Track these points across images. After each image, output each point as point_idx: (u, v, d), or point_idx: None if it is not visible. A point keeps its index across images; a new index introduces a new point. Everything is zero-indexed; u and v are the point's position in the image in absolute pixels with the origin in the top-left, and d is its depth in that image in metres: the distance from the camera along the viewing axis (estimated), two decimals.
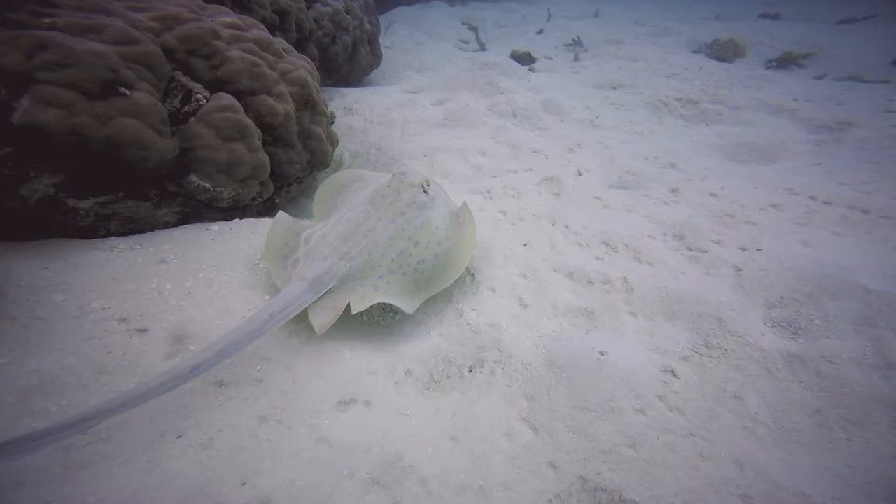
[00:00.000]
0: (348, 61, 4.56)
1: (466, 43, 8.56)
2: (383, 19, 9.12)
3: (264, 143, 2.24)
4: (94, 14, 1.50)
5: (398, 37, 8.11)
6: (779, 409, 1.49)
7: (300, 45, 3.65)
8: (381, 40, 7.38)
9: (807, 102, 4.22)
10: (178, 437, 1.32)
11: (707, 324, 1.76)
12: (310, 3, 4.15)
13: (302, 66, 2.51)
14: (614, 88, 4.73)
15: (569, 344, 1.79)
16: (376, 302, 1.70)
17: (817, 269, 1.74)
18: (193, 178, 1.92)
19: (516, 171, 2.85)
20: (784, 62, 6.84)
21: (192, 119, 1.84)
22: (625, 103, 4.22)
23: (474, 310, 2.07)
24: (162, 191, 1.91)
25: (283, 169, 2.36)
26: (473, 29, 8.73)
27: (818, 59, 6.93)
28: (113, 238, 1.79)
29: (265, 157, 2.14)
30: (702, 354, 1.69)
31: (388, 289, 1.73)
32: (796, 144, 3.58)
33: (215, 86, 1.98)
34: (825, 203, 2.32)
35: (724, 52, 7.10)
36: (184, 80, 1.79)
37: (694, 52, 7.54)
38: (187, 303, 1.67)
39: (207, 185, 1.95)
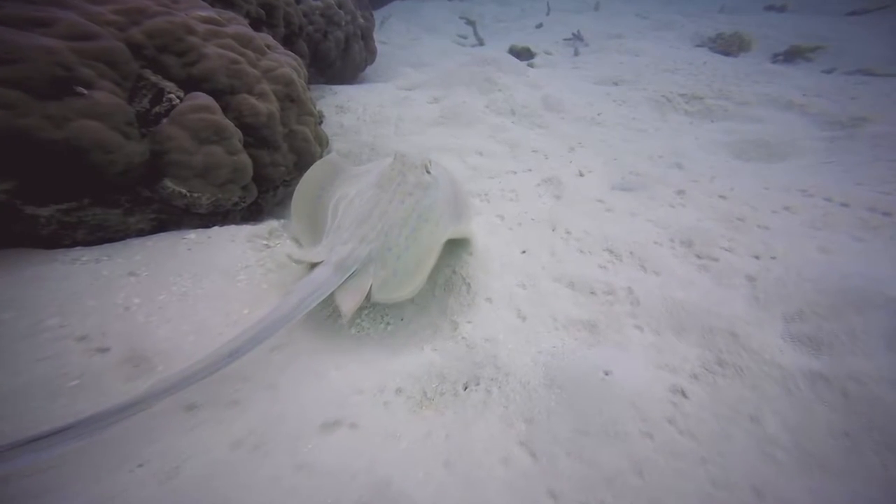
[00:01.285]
0: (341, 57, 4.41)
1: (465, 38, 8.38)
2: (379, 14, 8.94)
3: (246, 145, 2.11)
4: (45, 7, 1.37)
5: (394, 32, 7.93)
6: (800, 431, 1.37)
7: (289, 41, 3.50)
8: (376, 36, 7.20)
9: (817, 97, 4.07)
10: (140, 465, 1.20)
11: (719, 339, 1.63)
12: None
13: (287, 64, 2.37)
14: (616, 84, 4.58)
15: (570, 361, 1.66)
16: (397, 296, 1.72)
17: (840, 281, 1.61)
18: (168, 183, 1.80)
19: (515, 172, 2.71)
20: (791, 56, 6.66)
21: (165, 120, 1.71)
22: (627, 100, 4.07)
23: (470, 322, 1.95)
24: (134, 197, 1.79)
25: (268, 172, 2.23)
26: (471, 24, 8.55)
27: (827, 53, 6.75)
28: (79, 248, 1.66)
29: (246, 160, 2.01)
30: (714, 373, 1.57)
31: (406, 269, 1.76)
32: (807, 141, 3.43)
33: (190, 84, 1.85)
34: (842, 205, 2.18)
35: (728, 45, 6.92)
36: (154, 78, 1.66)
37: (697, 45, 7.35)
38: (157, 319, 1.55)
39: (183, 191, 1.82)
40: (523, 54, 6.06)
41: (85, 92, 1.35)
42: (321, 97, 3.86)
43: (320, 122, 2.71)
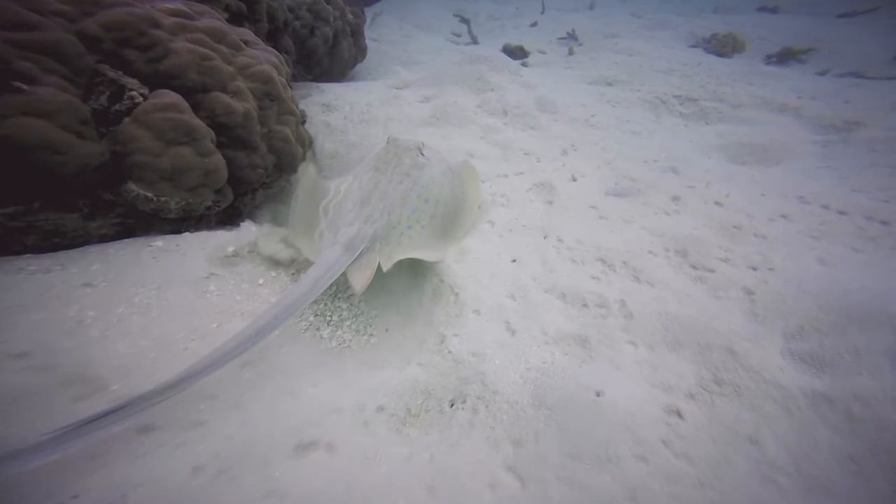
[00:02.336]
0: (329, 54, 4.27)
1: (458, 36, 8.26)
2: (372, 10, 8.77)
3: (221, 146, 1.99)
4: None
5: (387, 29, 7.78)
6: (802, 454, 1.30)
7: (273, 37, 3.36)
8: (368, 32, 7.05)
9: (811, 100, 4.03)
10: (74, 496, 1.08)
11: (716, 356, 1.56)
12: None
13: (266, 60, 2.25)
14: (610, 84, 4.50)
15: (560, 380, 1.58)
16: (402, 257, 1.78)
17: (842, 296, 1.54)
18: (132, 186, 1.67)
19: (506, 176, 2.62)
20: (784, 57, 6.65)
21: (127, 119, 1.58)
22: (621, 101, 3.99)
23: (457, 335, 1.86)
24: (94, 200, 1.66)
25: (245, 174, 2.11)
26: (465, 21, 8.43)
27: (819, 55, 6.75)
28: (28, 256, 1.53)
29: (220, 162, 1.89)
30: (711, 392, 1.49)
31: (410, 243, 1.84)
32: (801, 145, 3.39)
33: (157, 82, 1.72)
34: (839, 213, 2.13)
35: (722, 46, 6.88)
36: (112, 74, 1.53)
37: (692, 46, 7.32)
38: (114, 333, 1.43)
39: (149, 195, 1.70)
40: (517, 53, 5.96)
41: (24, 87, 1.22)
42: (307, 95, 3.72)
43: (303, 122, 2.59)
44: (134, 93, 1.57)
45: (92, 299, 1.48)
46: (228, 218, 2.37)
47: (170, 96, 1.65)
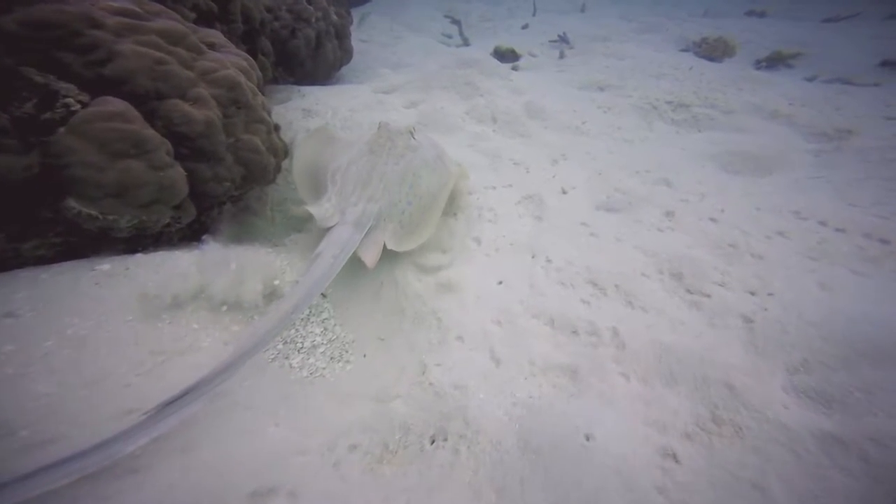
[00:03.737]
0: (312, 57, 4.09)
1: (450, 37, 8.12)
2: (361, 10, 8.58)
3: (181, 158, 1.82)
4: None
5: (376, 29, 7.60)
6: (814, 502, 1.19)
7: (249, 38, 3.18)
8: (356, 33, 6.86)
9: (802, 107, 3.99)
10: None
11: (714, 391, 1.45)
12: None
13: (233, 64, 2.08)
14: (601, 89, 4.41)
15: (548, 419, 1.46)
16: (408, 245, 1.89)
17: (847, 327, 1.45)
18: (72, 203, 1.50)
19: (494, 188, 2.49)
20: (773, 62, 6.67)
21: (61, 129, 1.41)
22: (613, 106, 3.90)
23: (439, 365, 1.73)
24: (27, 218, 1.48)
25: (209, 188, 1.94)
26: (457, 23, 8.30)
27: (806, 59, 6.80)
28: None
29: (177, 176, 1.72)
30: (709, 432, 1.38)
31: (411, 220, 1.96)
32: (794, 154, 3.33)
33: (103, 87, 1.55)
34: (837, 230, 2.05)
35: (712, 50, 6.87)
36: (39, 78, 1.35)
37: (682, 49, 7.30)
38: (37, 370, 1.26)
39: (93, 213, 1.52)
40: (508, 56, 5.85)
41: None
42: (287, 99, 3.55)
43: (277, 130, 2.42)
44: (70, 100, 1.40)
45: (12, 332, 1.30)
46: (194, 233, 2.20)
47: (115, 104, 1.48)
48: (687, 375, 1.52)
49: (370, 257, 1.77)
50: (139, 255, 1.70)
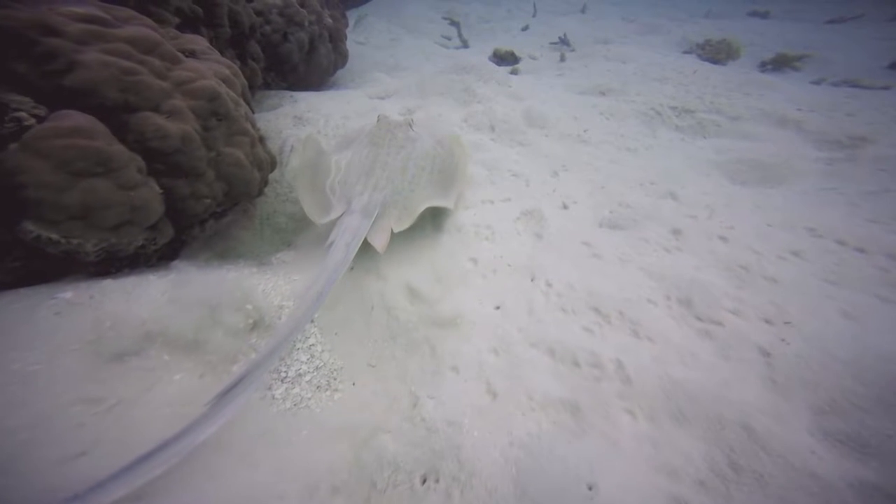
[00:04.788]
0: (305, 61, 3.98)
1: (449, 39, 8.01)
2: (359, 11, 8.47)
3: (157, 174, 1.71)
4: None
5: (374, 31, 7.48)
6: None
7: (237, 43, 3.07)
8: (353, 35, 6.74)
9: (811, 113, 3.86)
10: None
11: (730, 434, 1.33)
12: None
13: (215, 73, 1.96)
14: (603, 94, 4.29)
15: (547, 462, 1.34)
16: (419, 211, 1.97)
17: (879, 363, 1.32)
18: (29, 226, 1.38)
19: (492, 202, 2.37)
20: (779, 64, 6.54)
21: (14, 146, 1.29)
22: (615, 112, 3.78)
23: (432, 398, 1.61)
24: None
25: (187, 206, 1.83)
26: (455, 24, 8.18)
27: (813, 62, 6.67)
28: None
29: (150, 195, 1.60)
30: (726, 479, 1.26)
31: (417, 199, 2.01)
32: (804, 163, 3.20)
33: (65, 100, 1.43)
34: (857, 250, 1.92)
35: (716, 52, 6.75)
36: None
37: (685, 52, 7.18)
38: None
39: (54, 237, 1.41)
40: (507, 58, 5.73)
41: None
42: (278, 105, 3.43)
43: (261, 141, 2.30)
44: (22, 113, 1.28)
45: None
46: (175, 252, 2.08)
47: (75, 119, 1.36)
48: (699, 414, 1.40)
49: (380, 242, 1.83)
50: (107, 281, 1.58)
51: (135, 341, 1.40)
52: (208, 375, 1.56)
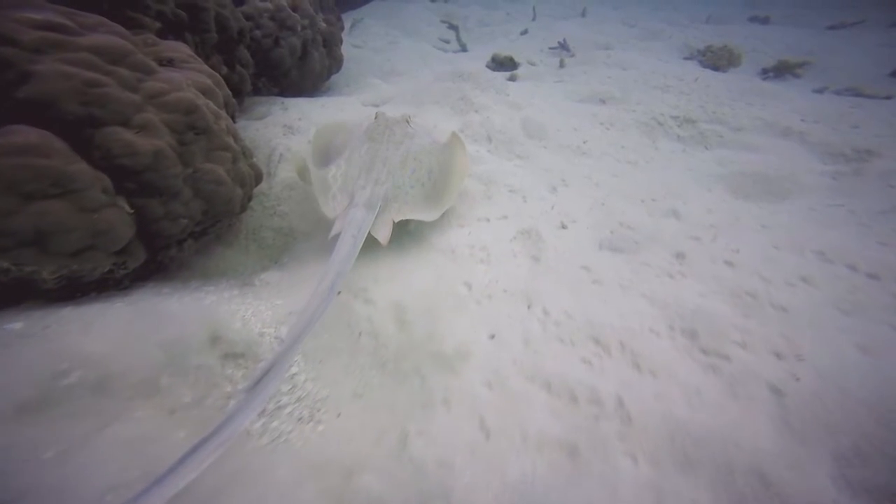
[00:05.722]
0: (298, 66, 3.87)
1: (447, 42, 7.92)
2: (356, 14, 8.36)
3: (127, 193, 1.60)
4: None
5: (371, 34, 7.37)
6: None
7: (225, 48, 2.96)
8: (350, 38, 6.64)
9: (816, 123, 3.78)
10: None
11: (742, 482, 1.23)
12: None
13: (194, 84, 1.86)
14: (603, 102, 4.20)
15: None
16: (409, 217, 1.98)
17: None
18: None
19: (488, 220, 2.26)
20: (780, 71, 6.47)
21: None
22: (615, 122, 3.68)
23: (422, 434, 1.51)
24: None
25: (161, 227, 1.72)
26: (454, 28, 8.09)
27: (814, 68, 6.61)
28: None
29: (116, 218, 1.49)
30: None
31: (415, 202, 2.05)
32: (809, 176, 3.11)
33: (18, 114, 1.32)
34: (870, 276, 1.83)
35: (717, 59, 6.67)
36: None
37: (686, 58, 7.11)
38: None
39: (4, 265, 1.30)
40: (506, 64, 5.63)
41: None
42: (268, 113, 3.32)
43: (246, 155, 2.19)
44: None
45: None
46: (151, 273, 1.97)
47: (26, 135, 1.25)
48: (706, 459, 1.30)
49: (383, 235, 1.87)
50: (67, 310, 1.46)
51: (91, 383, 1.28)
52: (180, 411, 1.45)
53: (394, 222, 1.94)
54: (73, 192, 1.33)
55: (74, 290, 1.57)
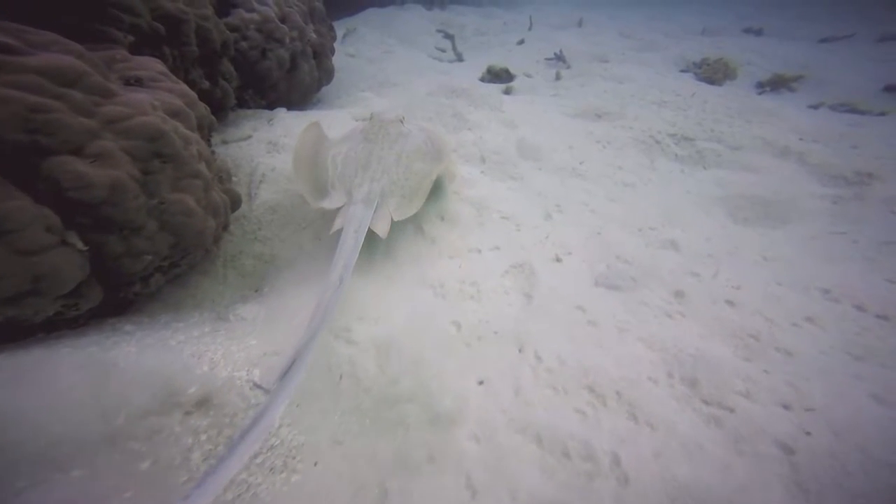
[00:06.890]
0: (286, 79, 3.76)
1: (443, 52, 7.86)
2: (351, 22, 8.29)
3: (82, 229, 1.46)
4: None
5: (365, 43, 7.29)
6: None
7: (207, 62, 2.84)
8: (343, 47, 6.55)
9: (815, 143, 3.72)
10: None
11: None
12: (228, 8, 3.33)
13: (162, 105, 1.73)
14: (599, 117, 4.12)
15: None
16: (407, 215, 2.02)
17: None
18: None
19: (479, 251, 2.15)
20: (776, 85, 6.47)
21: None
22: (612, 140, 3.60)
23: (402, 492, 1.39)
24: None
25: (122, 265, 1.58)
26: (450, 37, 8.04)
27: (809, 83, 6.63)
28: None
29: (61, 261, 1.35)
30: None
31: (410, 195, 2.10)
32: (809, 200, 3.04)
33: None
34: (879, 318, 1.73)
35: (714, 73, 6.66)
36: None
37: (682, 70, 7.10)
38: None
39: None
40: (501, 76, 5.56)
41: None
42: (253, 130, 3.19)
43: (223, 180, 2.07)
44: None
45: None
46: (115, 309, 1.84)
47: None
48: None
49: (382, 229, 1.93)
50: (1, 357, 1.32)
51: (24, 451, 1.14)
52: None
53: (392, 220, 2.00)
54: (8, 234, 1.19)
55: (16, 332, 1.43)
